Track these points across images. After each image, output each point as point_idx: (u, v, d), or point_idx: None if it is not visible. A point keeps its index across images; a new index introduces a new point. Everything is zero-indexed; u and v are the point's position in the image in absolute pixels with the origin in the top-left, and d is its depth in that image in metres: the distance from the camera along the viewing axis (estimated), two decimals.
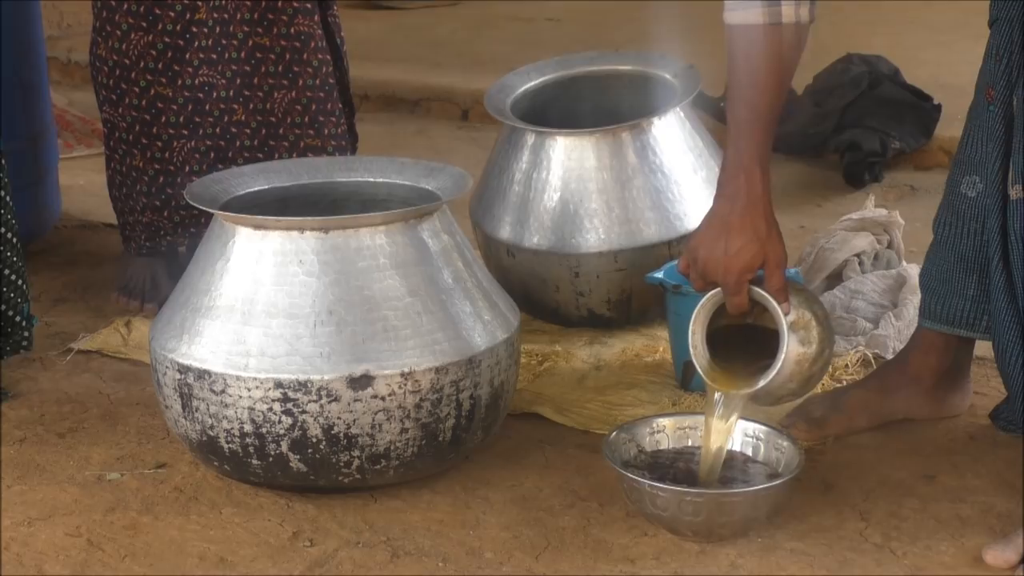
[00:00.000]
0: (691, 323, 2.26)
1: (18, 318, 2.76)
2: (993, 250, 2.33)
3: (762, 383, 2.20)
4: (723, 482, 2.23)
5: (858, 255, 3.08)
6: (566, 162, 2.89)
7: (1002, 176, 2.31)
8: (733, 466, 2.28)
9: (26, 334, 2.79)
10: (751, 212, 2.19)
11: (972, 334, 2.46)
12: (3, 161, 2.72)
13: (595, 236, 2.86)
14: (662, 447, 2.33)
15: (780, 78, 2.18)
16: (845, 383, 2.65)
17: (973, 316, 2.44)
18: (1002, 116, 2.31)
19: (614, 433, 2.31)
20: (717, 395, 2.24)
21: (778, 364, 2.17)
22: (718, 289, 2.23)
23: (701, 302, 2.26)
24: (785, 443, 2.28)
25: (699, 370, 2.26)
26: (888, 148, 4.07)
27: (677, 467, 2.29)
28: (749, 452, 2.31)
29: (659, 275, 2.69)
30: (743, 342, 2.29)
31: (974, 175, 2.40)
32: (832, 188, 4.01)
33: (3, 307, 2.73)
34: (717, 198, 2.24)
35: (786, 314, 2.18)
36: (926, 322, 2.51)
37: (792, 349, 2.18)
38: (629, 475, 2.17)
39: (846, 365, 2.73)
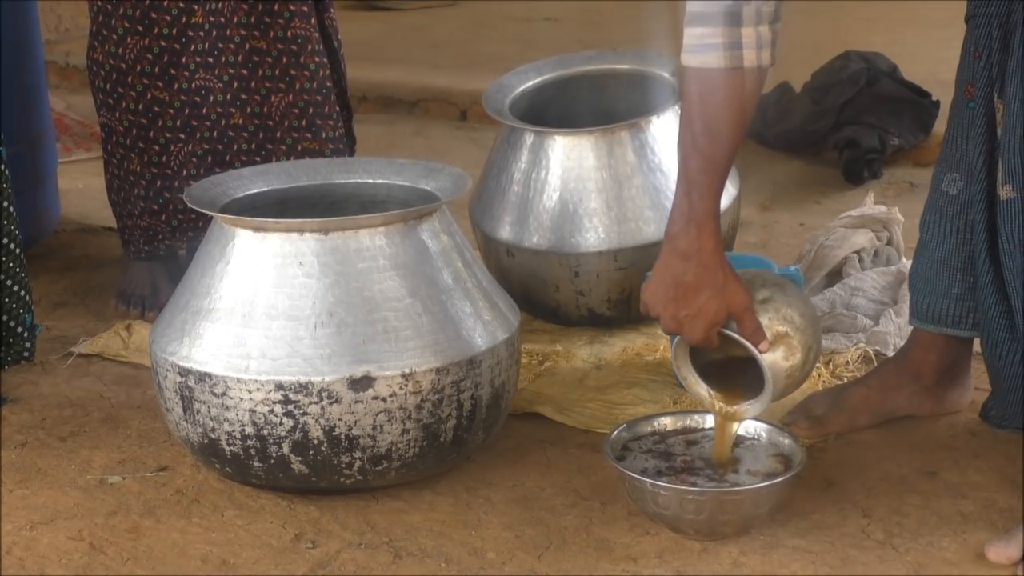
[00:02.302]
0: (673, 360, 2.27)
1: (19, 328, 2.77)
2: (979, 247, 2.33)
3: (758, 410, 2.22)
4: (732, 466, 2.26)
5: (858, 252, 3.08)
6: (565, 162, 2.89)
7: (986, 173, 2.31)
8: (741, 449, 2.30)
9: (27, 344, 2.79)
10: (708, 269, 2.16)
11: (959, 332, 2.46)
12: (5, 170, 2.72)
13: (595, 235, 2.86)
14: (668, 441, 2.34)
15: (737, 127, 2.12)
16: (846, 380, 2.65)
17: (959, 314, 2.45)
18: (983, 113, 2.31)
19: (615, 432, 2.31)
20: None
21: (767, 396, 2.19)
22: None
23: (674, 344, 2.26)
24: (786, 441, 2.28)
25: (697, 399, 2.27)
26: (887, 145, 4.07)
27: (677, 452, 2.29)
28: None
29: None
30: (731, 364, 2.30)
31: (954, 173, 2.41)
32: (831, 185, 4.01)
33: (4, 317, 2.73)
34: (668, 252, 2.19)
35: (764, 352, 2.17)
36: (915, 322, 2.51)
37: (779, 370, 2.18)
38: (631, 474, 2.17)
39: (847, 362, 2.73)
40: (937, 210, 2.45)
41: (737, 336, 2.17)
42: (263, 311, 2.24)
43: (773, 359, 2.17)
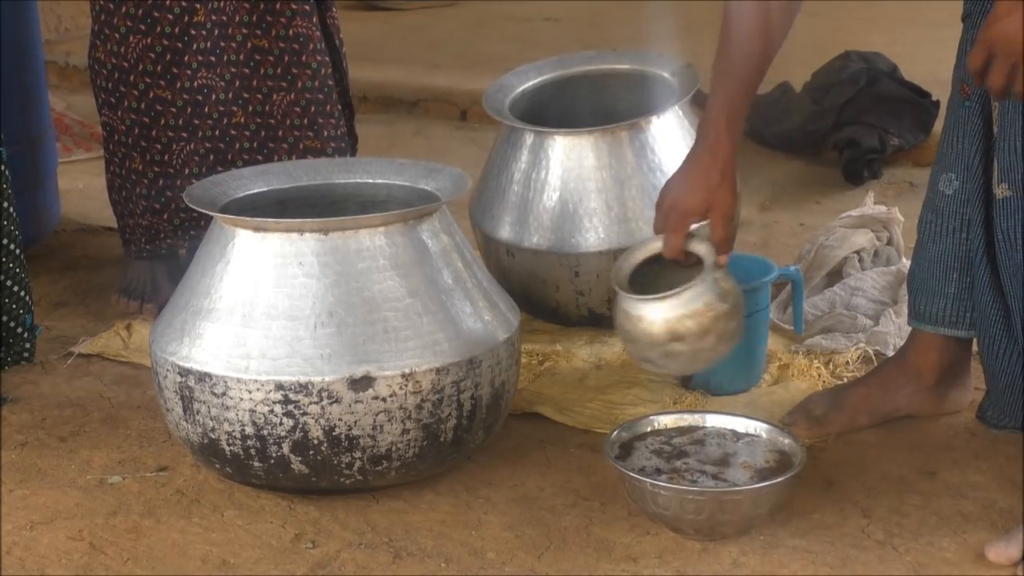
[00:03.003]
0: (622, 256, 2.34)
1: (19, 329, 2.77)
2: (976, 246, 2.34)
3: (680, 289, 2.23)
4: (726, 462, 2.25)
5: (858, 252, 3.08)
6: (565, 162, 2.89)
7: (982, 171, 2.32)
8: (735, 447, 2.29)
9: (27, 345, 2.79)
10: (706, 161, 2.25)
11: (956, 332, 2.46)
12: (5, 170, 2.72)
13: (594, 235, 2.86)
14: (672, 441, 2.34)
15: (764, 48, 2.24)
16: (846, 380, 2.65)
17: (955, 314, 2.45)
18: (979, 112, 2.32)
19: (615, 432, 2.31)
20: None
21: (697, 282, 2.22)
22: (658, 239, 2.30)
23: (640, 240, 2.34)
24: (786, 441, 2.28)
25: (616, 286, 2.31)
26: (887, 145, 4.07)
27: (681, 452, 2.29)
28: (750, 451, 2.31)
29: None
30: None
31: (950, 172, 2.41)
32: (831, 185, 4.01)
33: (4, 317, 2.73)
34: (689, 150, 2.31)
35: (721, 264, 2.24)
36: (913, 322, 2.52)
37: (710, 289, 2.23)
38: (631, 474, 2.17)
39: (847, 362, 2.73)
40: (933, 210, 2.46)
41: (699, 242, 2.25)
42: (263, 311, 2.24)
43: (710, 285, 2.22)
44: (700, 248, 2.27)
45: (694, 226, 2.28)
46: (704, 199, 2.24)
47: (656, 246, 2.32)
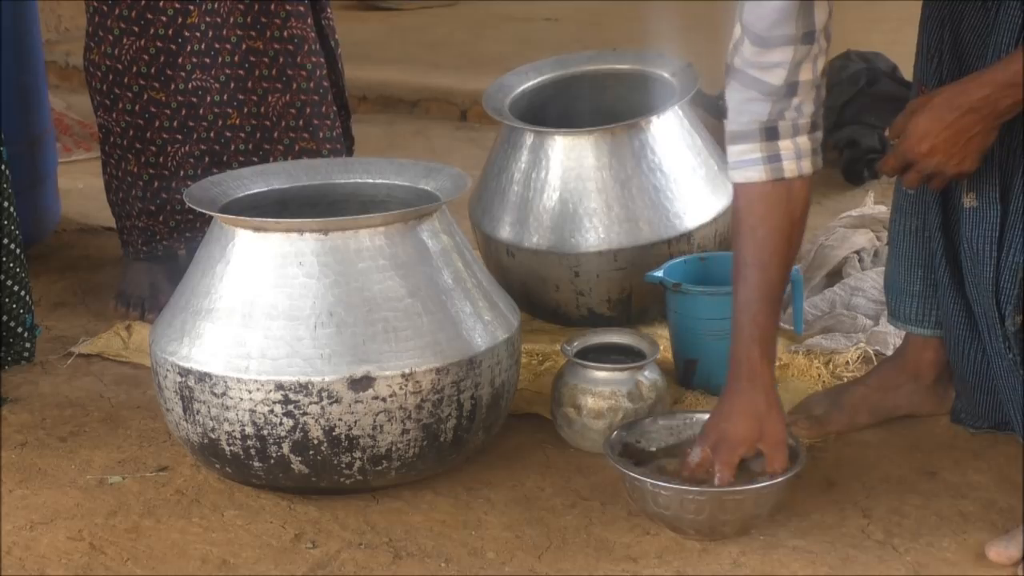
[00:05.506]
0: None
1: (20, 328, 2.77)
2: (935, 246, 2.34)
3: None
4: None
5: (858, 252, 3.08)
6: (565, 162, 2.89)
7: None
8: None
9: (27, 344, 2.79)
10: (746, 388, 2.17)
11: (922, 331, 2.47)
12: (5, 170, 2.72)
13: (594, 235, 2.86)
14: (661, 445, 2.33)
15: (785, 240, 2.15)
16: (846, 380, 2.65)
17: (921, 313, 2.46)
18: None
19: (615, 432, 2.31)
20: None
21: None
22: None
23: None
24: (787, 441, 2.28)
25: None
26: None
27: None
28: None
29: (659, 274, 2.68)
30: None
31: None
32: (831, 185, 4.01)
33: (4, 317, 2.73)
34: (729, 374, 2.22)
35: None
36: (891, 320, 2.53)
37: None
38: (631, 474, 2.17)
39: (847, 362, 2.73)
40: (898, 209, 2.47)
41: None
42: (263, 311, 2.24)
43: None
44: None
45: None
46: (754, 428, 2.15)
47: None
